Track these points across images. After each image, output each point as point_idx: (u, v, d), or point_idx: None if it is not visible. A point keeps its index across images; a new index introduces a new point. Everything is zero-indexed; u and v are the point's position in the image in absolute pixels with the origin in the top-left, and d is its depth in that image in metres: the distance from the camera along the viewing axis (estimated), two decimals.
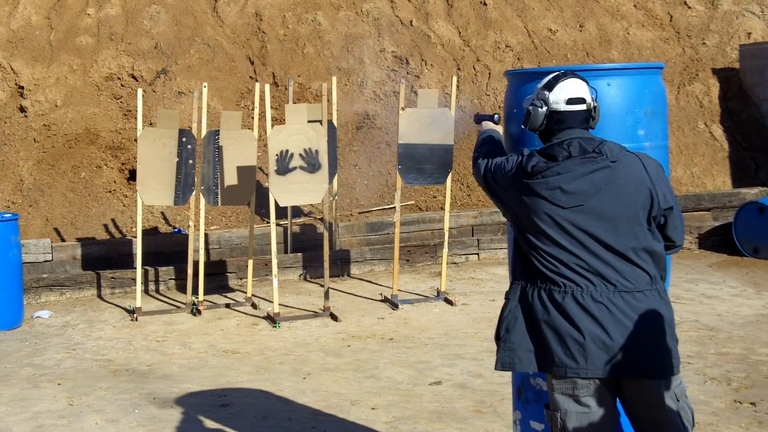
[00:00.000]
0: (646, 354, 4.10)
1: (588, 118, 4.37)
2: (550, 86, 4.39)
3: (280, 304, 10.14)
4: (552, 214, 4.20)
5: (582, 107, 4.35)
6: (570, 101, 4.34)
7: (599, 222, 4.17)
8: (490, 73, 14.97)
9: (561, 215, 4.19)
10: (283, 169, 9.91)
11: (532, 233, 4.26)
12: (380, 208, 13.23)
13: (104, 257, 11.62)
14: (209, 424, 6.93)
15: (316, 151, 10.04)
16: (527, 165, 4.25)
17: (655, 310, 4.15)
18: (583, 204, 4.17)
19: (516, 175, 4.30)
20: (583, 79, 4.42)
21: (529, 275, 4.30)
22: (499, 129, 4.93)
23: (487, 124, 4.94)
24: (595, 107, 4.40)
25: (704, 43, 16.32)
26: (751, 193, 13.90)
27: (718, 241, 13.46)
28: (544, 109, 4.37)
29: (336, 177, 11.65)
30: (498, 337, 4.39)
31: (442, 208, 12.15)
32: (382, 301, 10.78)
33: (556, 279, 4.19)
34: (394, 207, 11.19)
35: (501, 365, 4.37)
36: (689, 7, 16.84)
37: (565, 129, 4.34)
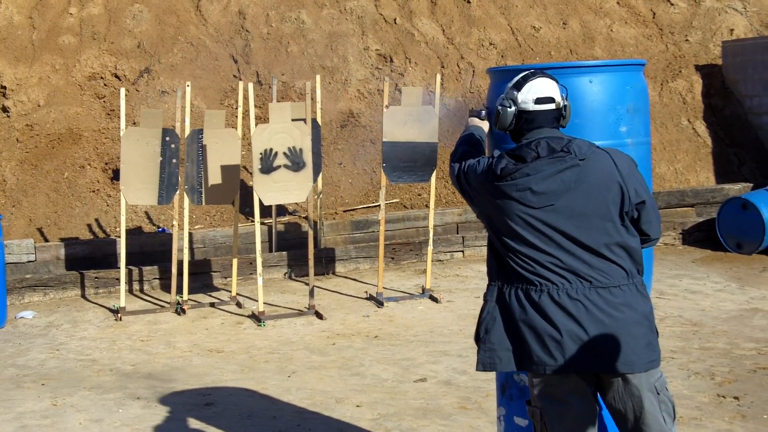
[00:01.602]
0: (624, 348, 4.11)
1: (558, 117, 4.38)
2: (518, 86, 4.40)
3: (264, 303, 10.13)
4: (524, 215, 4.21)
5: (551, 106, 4.35)
6: (538, 101, 4.35)
7: (571, 220, 4.17)
8: (474, 71, 14.98)
9: (533, 216, 4.20)
10: (268, 167, 9.90)
11: (506, 235, 4.27)
12: (365, 206, 13.23)
13: (88, 257, 11.59)
14: (194, 423, 6.92)
15: (300, 150, 10.04)
16: (496, 167, 4.26)
17: (632, 304, 4.16)
18: (553, 203, 4.18)
19: (486, 177, 4.31)
20: (552, 77, 4.43)
21: (505, 276, 4.31)
22: (486, 125, 4.92)
23: (473, 121, 4.93)
24: (565, 106, 4.41)
25: (687, 40, 16.36)
26: (734, 188, 13.95)
27: (702, 236, 13.50)
28: (513, 108, 4.38)
29: (320, 175, 11.65)
30: (478, 338, 4.40)
31: (427, 206, 12.16)
32: (367, 299, 10.78)
33: (532, 278, 4.20)
34: (379, 205, 11.19)
35: (482, 366, 4.38)
36: (672, 4, 16.88)
37: (535, 129, 4.35)
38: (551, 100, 4.35)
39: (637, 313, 4.16)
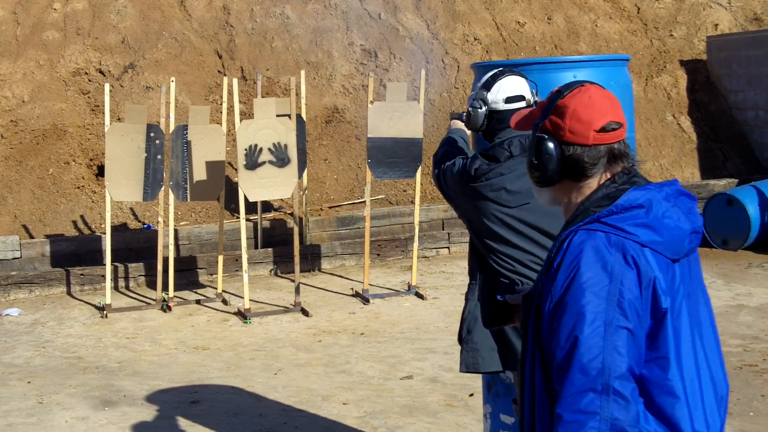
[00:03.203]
0: None
1: None
2: (488, 86, 4.40)
3: (250, 300, 10.12)
4: (500, 215, 4.21)
5: (521, 104, 4.36)
6: (508, 99, 4.35)
7: (546, 218, 4.18)
8: (458, 66, 14.98)
9: (509, 215, 4.21)
10: (252, 163, 9.88)
11: (485, 235, 4.28)
12: (350, 202, 13.22)
13: (73, 254, 11.55)
14: (180, 420, 6.91)
15: (285, 146, 10.02)
16: (470, 168, 4.27)
17: None
18: (529, 201, 4.19)
19: (461, 178, 4.32)
20: (521, 74, 4.43)
21: (486, 274, 4.32)
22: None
23: (455, 123, 4.94)
24: (536, 102, 4.41)
25: (672, 35, 16.39)
26: (720, 184, 13.98)
27: None
28: (484, 109, 4.38)
29: (305, 171, 11.64)
30: (461, 339, 4.40)
31: (412, 202, 12.16)
32: (353, 295, 10.78)
33: (513, 277, 4.20)
34: (364, 201, 11.19)
35: (465, 367, 4.39)
36: None
37: (506, 128, 4.35)
38: (521, 98, 4.36)
39: None
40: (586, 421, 2.45)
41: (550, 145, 2.74)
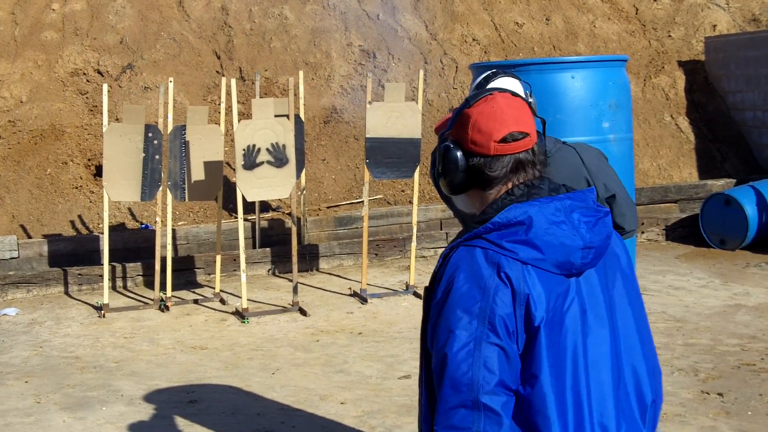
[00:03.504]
0: None
1: None
2: (481, 87, 4.40)
3: (248, 300, 10.12)
4: None
5: None
6: None
7: None
8: (457, 67, 14.98)
9: None
10: (250, 163, 9.88)
11: None
12: (348, 202, 13.22)
13: (71, 254, 11.55)
14: (178, 420, 6.91)
15: (283, 146, 10.02)
16: None
17: None
18: None
19: None
20: (515, 75, 4.42)
21: None
22: None
23: None
24: (529, 103, 4.41)
25: (670, 36, 16.40)
26: (718, 184, 13.99)
27: (685, 232, 13.53)
28: None
29: (304, 171, 11.64)
30: None
31: (411, 202, 12.16)
32: (351, 295, 10.78)
33: None
34: (363, 201, 11.18)
35: None
36: (655, 0, 16.92)
37: None
38: None
39: None
40: None
41: (456, 154, 2.75)
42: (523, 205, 2.62)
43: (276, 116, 10.08)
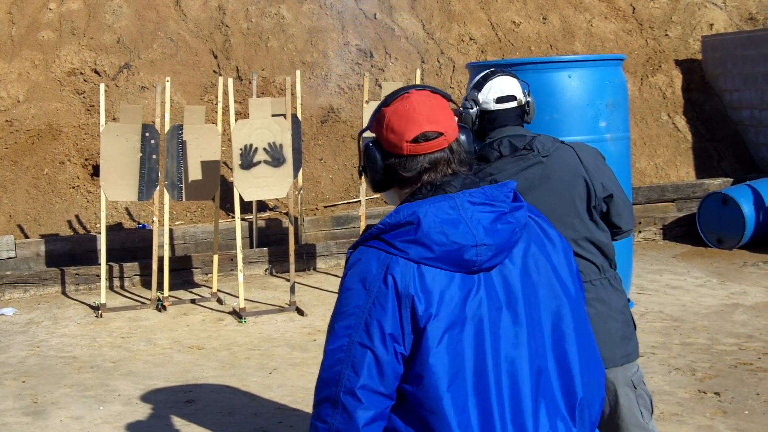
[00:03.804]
0: (598, 344, 4.12)
1: (521, 114, 4.38)
2: (479, 86, 4.40)
3: (245, 299, 10.12)
4: None
5: (512, 104, 4.36)
6: (499, 100, 4.35)
7: None
8: (454, 66, 14.98)
9: None
10: (248, 163, 9.87)
11: None
12: (346, 201, 13.22)
13: (68, 254, 11.55)
14: (175, 420, 6.90)
15: (281, 145, 10.02)
16: None
17: (604, 299, 4.17)
18: None
19: None
20: (513, 75, 4.43)
21: None
22: None
23: None
24: (528, 102, 4.41)
25: (667, 35, 16.40)
26: (715, 183, 13.99)
27: (682, 232, 13.54)
28: (475, 109, 4.38)
29: (301, 171, 11.64)
30: None
31: None
32: None
33: None
34: (360, 200, 11.18)
35: None
36: None
37: (498, 128, 4.35)
38: (512, 98, 4.36)
39: (610, 308, 4.17)
40: (319, 427, 2.56)
41: (375, 153, 2.77)
42: (412, 204, 2.61)
43: (273, 116, 10.08)
